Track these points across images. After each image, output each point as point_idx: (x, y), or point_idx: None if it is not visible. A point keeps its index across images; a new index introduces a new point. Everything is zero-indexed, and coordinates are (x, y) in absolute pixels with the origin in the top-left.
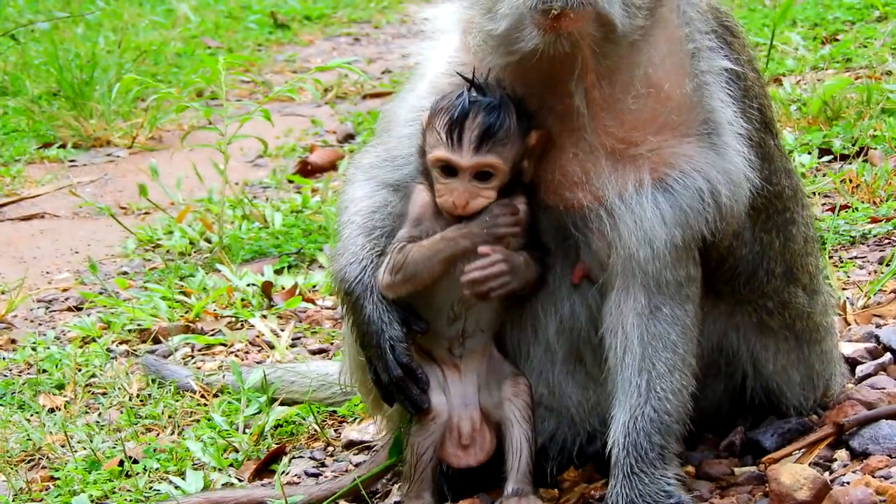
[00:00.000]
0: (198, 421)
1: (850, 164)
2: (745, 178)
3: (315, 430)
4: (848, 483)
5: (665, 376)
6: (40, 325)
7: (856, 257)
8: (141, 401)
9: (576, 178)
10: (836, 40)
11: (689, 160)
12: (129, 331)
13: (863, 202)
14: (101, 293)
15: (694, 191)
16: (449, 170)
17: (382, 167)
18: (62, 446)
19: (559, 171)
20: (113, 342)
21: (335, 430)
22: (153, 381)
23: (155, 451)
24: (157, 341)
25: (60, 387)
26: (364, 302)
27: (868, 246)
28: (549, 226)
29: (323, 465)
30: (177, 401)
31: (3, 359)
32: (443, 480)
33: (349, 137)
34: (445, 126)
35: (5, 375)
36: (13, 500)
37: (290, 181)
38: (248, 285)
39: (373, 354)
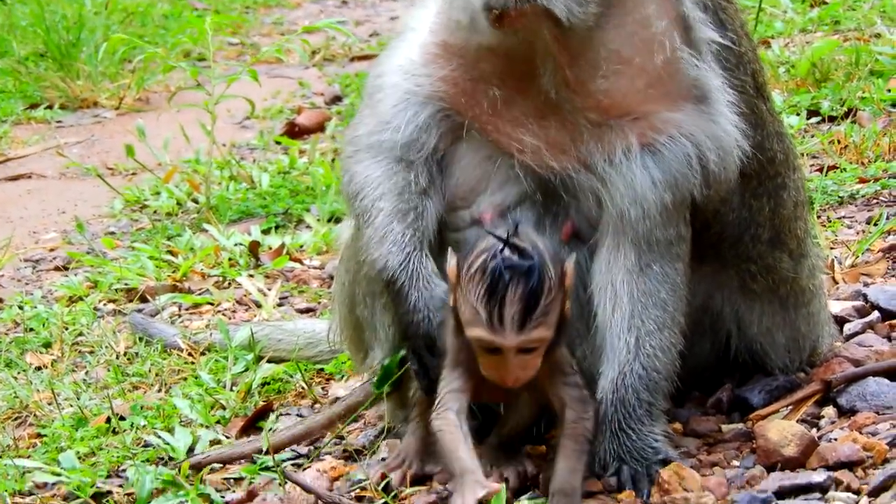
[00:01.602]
0: (185, 379)
1: (839, 125)
2: (736, 145)
3: (302, 388)
4: (835, 439)
5: (654, 334)
6: (27, 284)
7: (844, 217)
8: (128, 359)
9: (564, 146)
10: (825, 3)
11: (677, 126)
12: (116, 290)
13: (851, 163)
14: (88, 253)
15: (682, 156)
16: (492, 348)
17: (382, 135)
18: (49, 404)
19: (546, 140)
20: (100, 301)
21: (322, 388)
22: (140, 339)
23: (142, 408)
24: (144, 300)
25: (47, 345)
26: (409, 290)
27: (856, 206)
28: (536, 188)
29: (313, 432)
30: (164, 359)
31: None
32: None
33: (337, 99)
34: (483, 302)
35: None
36: (0, 457)
37: (278, 143)
38: (236, 245)
39: (419, 344)
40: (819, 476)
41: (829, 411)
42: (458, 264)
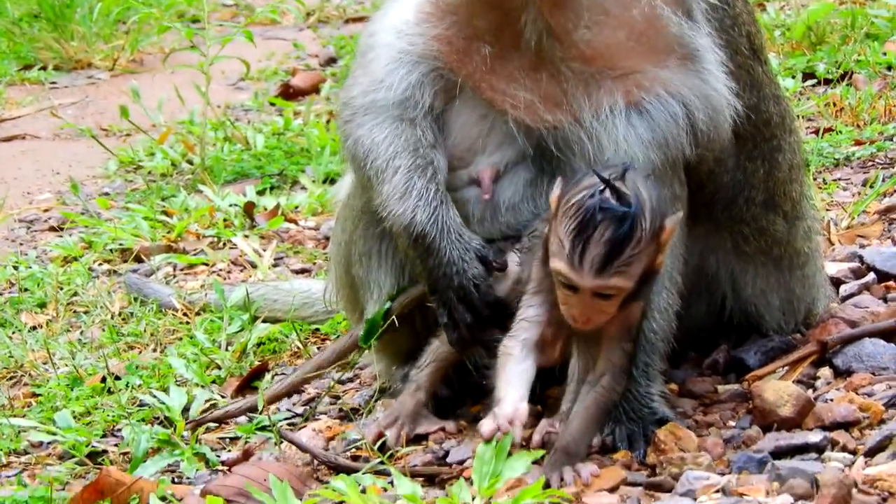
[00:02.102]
0: (180, 339)
1: (835, 88)
2: (727, 104)
3: (298, 348)
4: (831, 400)
5: (652, 295)
6: (21, 244)
7: (839, 179)
8: (123, 319)
9: (556, 98)
10: None
11: (665, 85)
12: (111, 250)
13: (847, 125)
14: (82, 213)
15: (669, 115)
16: (570, 286)
17: (376, 94)
18: (44, 363)
19: (539, 93)
20: (95, 262)
21: (318, 348)
22: (135, 299)
23: (137, 367)
24: (138, 261)
25: (42, 305)
26: (441, 244)
27: (852, 168)
28: (530, 146)
29: (305, 381)
30: (159, 319)
31: None
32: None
33: (331, 61)
34: (569, 238)
35: None
36: None
37: (272, 104)
38: (231, 206)
39: (451, 298)
40: (815, 436)
41: (826, 372)
42: (560, 194)
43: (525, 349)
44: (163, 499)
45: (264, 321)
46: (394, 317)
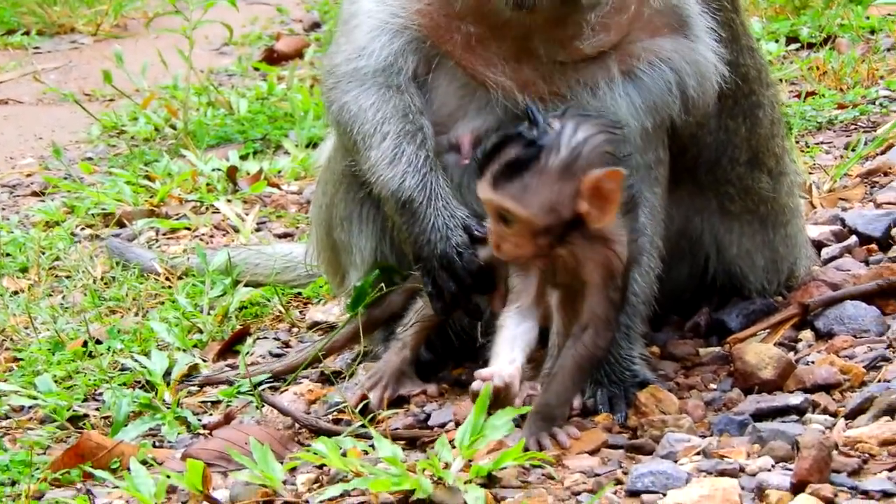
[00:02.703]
0: (162, 303)
1: (818, 52)
2: (714, 70)
3: (280, 312)
4: (812, 362)
5: (639, 259)
6: (4, 209)
7: (822, 142)
8: (105, 283)
9: (537, 86)
10: None
11: (657, 52)
12: (93, 215)
13: (829, 89)
14: (65, 178)
15: (662, 82)
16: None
17: (359, 62)
18: (26, 328)
19: (518, 81)
20: (77, 226)
21: (300, 312)
22: (117, 263)
23: (119, 332)
24: (121, 225)
25: (24, 270)
26: (427, 210)
27: (834, 132)
28: (512, 119)
29: (287, 345)
30: (141, 283)
31: None
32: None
33: (315, 26)
34: (481, 151)
35: None
36: None
37: (256, 69)
38: (213, 170)
39: (434, 266)
40: (796, 399)
41: (807, 335)
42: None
43: (517, 316)
44: (144, 462)
45: (246, 285)
46: (382, 285)
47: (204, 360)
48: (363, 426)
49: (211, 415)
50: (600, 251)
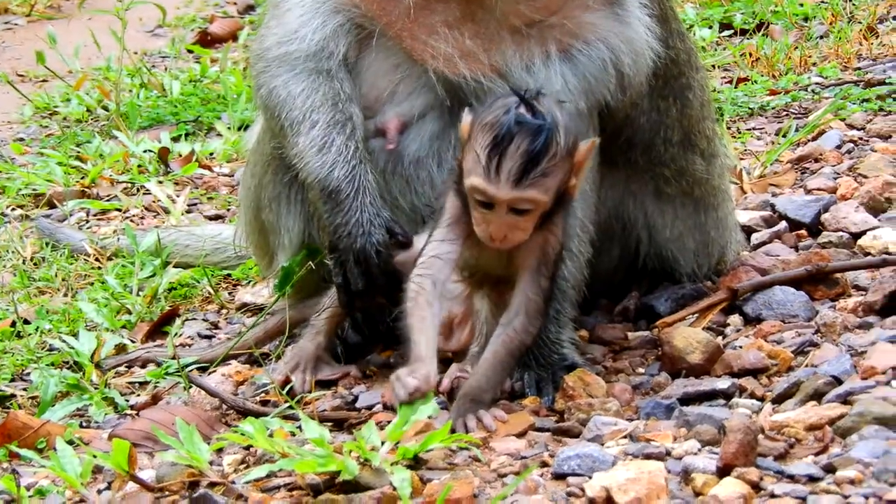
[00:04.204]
0: (91, 284)
1: (751, 38)
2: (648, 46)
3: (209, 293)
4: (740, 347)
5: (568, 243)
6: None
7: (754, 128)
8: (35, 264)
9: (477, 55)
10: None
11: (593, 29)
12: (24, 195)
13: (762, 75)
14: None
15: (598, 61)
16: (485, 201)
17: (289, 46)
18: None
19: (460, 48)
20: (7, 206)
21: (229, 293)
22: (47, 244)
23: (48, 312)
24: (51, 206)
25: None
26: (353, 203)
27: (766, 118)
28: (448, 96)
29: (216, 327)
30: (70, 264)
31: None
32: (337, 342)
33: (249, 9)
34: (486, 150)
35: None
36: None
37: (190, 51)
38: (145, 152)
39: (349, 260)
40: (723, 383)
41: (735, 319)
42: (473, 119)
43: (436, 289)
44: (70, 442)
45: (176, 266)
46: (311, 263)
47: (132, 341)
48: (290, 408)
49: (138, 395)
50: (540, 235)
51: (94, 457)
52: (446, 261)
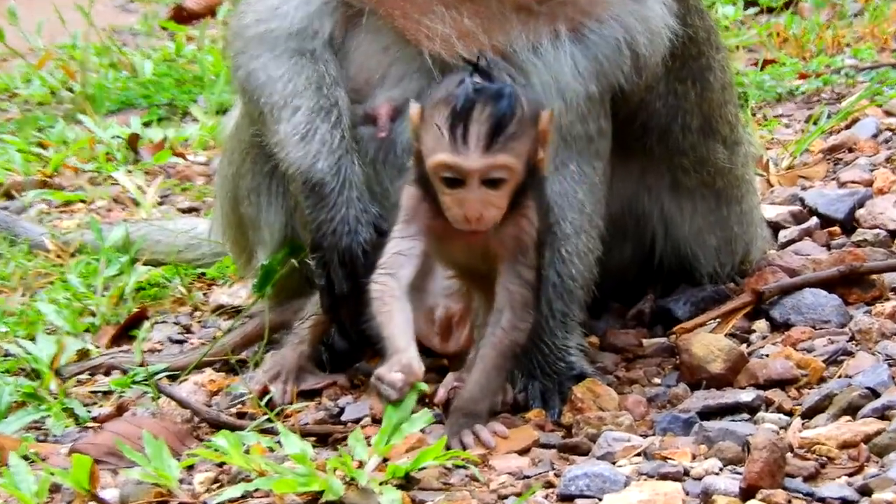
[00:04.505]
0: (52, 283)
1: (778, 16)
2: (664, 24)
3: (181, 294)
4: (767, 356)
5: (570, 238)
6: None
7: (782, 115)
8: None
9: (476, 35)
10: None
11: (605, 8)
12: None
13: (791, 57)
14: None
15: (611, 40)
16: (454, 179)
17: (270, 24)
18: None
19: (458, 29)
20: None
21: (203, 294)
22: (4, 239)
23: (3, 314)
24: (9, 197)
25: None
26: (338, 198)
27: (795, 103)
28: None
29: (189, 331)
30: (29, 261)
31: None
32: (322, 349)
33: None
34: (447, 122)
35: None
36: None
37: (164, 28)
38: (113, 138)
39: (333, 259)
40: (748, 395)
41: (761, 325)
42: (421, 104)
43: (401, 285)
44: (25, 458)
45: (145, 264)
46: (293, 260)
47: (96, 346)
48: (269, 420)
49: (102, 406)
50: (511, 220)
51: (52, 474)
52: (409, 256)
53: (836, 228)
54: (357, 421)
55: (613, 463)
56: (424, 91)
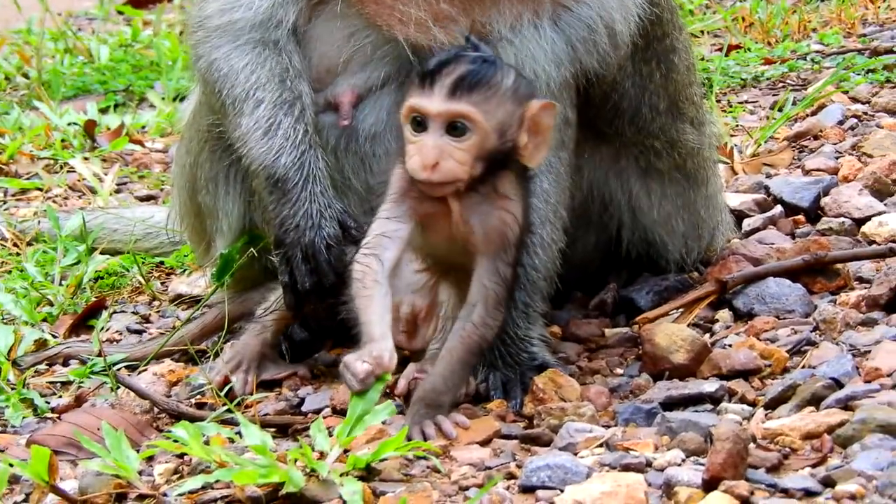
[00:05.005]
0: (8, 272)
1: (744, 0)
2: (635, 3)
3: (139, 283)
4: (730, 346)
5: (534, 228)
6: None
7: (746, 101)
8: None
9: (454, 18)
10: None
11: None
12: None
13: (756, 42)
14: None
15: (588, 21)
16: (419, 122)
17: (233, 14)
18: None
19: (434, 12)
20: None
21: (162, 283)
22: None
23: None
24: None
25: None
26: (302, 193)
27: (760, 89)
28: (419, 64)
29: (147, 320)
30: None
31: None
32: (281, 339)
33: None
34: (423, 70)
35: None
36: None
37: (120, 12)
38: (69, 124)
39: (297, 255)
40: (711, 386)
41: (724, 315)
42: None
43: (384, 268)
44: None
45: (103, 253)
46: (252, 249)
47: (54, 336)
48: (229, 411)
49: (60, 397)
50: (496, 214)
51: (11, 465)
52: (394, 239)
53: (801, 217)
54: (317, 412)
55: (575, 454)
56: (390, 77)
